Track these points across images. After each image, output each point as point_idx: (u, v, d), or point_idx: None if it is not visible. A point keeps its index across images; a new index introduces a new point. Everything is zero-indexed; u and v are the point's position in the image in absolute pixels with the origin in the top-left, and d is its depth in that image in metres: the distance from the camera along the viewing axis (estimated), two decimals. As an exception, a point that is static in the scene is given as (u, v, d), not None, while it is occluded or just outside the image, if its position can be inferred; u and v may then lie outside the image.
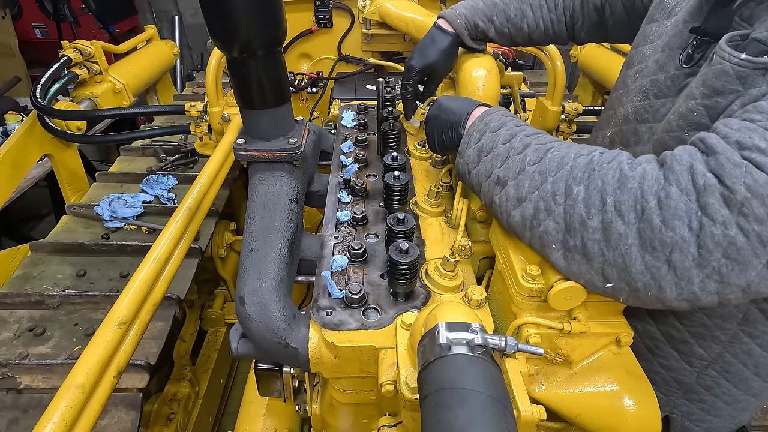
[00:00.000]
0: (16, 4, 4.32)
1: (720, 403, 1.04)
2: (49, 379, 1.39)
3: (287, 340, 0.89)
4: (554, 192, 0.76)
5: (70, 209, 2.06)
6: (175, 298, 1.60)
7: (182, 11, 5.44)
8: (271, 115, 1.02)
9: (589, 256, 0.73)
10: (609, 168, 0.72)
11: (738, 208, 0.61)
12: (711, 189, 0.63)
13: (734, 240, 0.61)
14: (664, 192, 0.66)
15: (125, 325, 1.04)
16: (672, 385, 1.06)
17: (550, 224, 0.76)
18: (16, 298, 1.60)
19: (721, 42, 0.75)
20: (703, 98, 0.78)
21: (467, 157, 0.94)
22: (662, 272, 0.66)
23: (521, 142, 0.85)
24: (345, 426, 1.09)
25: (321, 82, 2.48)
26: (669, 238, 0.64)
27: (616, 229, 0.69)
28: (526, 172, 0.80)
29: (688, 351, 1.00)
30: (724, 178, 0.62)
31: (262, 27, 0.87)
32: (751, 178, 0.60)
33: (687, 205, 0.64)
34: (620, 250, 0.69)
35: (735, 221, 0.61)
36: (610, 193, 0.70)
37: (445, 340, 0.66)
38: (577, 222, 0.72)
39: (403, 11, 2.05)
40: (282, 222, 1.04)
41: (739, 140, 0.63)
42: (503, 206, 0.84)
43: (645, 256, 0.67)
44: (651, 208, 0.66)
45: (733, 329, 0.94)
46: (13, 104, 3.10)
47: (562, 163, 0.77)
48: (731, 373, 0.99)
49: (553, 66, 2.04)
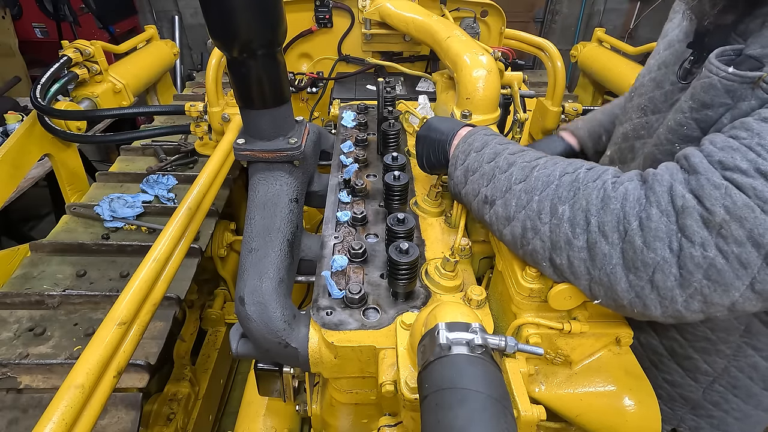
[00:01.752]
0: (16, 4, 4.32)
1: (730, 419, 1.02)
2: (49, 379, 1.39)
3: (287, 340, 0.89)
4: (540, 210, 0.76)
5: (70, 209, 2.06)
6: (175, 298, 1.60)
7: (182, 11, 5.45)
8: (271, 115, 1.02)
9: (576, 274, 0.74)
10: (593, 188, 0.73)
11: (717, 229, 0.61)
12: (690, 210, 0.63)
13: (714, 262, 0.61)
14: (645, 213, 0.66)
15: (125, 325, 1.04)
16: (678, 400, 1.05)
17: (537, 243, 0.77)
18: (16, 298, 1.60)
19: (711, 56, 0.75)
20: (692, 111, 0.78)
21: (456, 179, 0.96)
22: (646, 291, 0.67)
23: (506, 161, 0.86)
24: (345, 426, 1.09)
25: (321, 82, 2.48)
26: (651, 259, 0.65)
27: (601, 250, 0.69)
28: (512, 191, 0.81)
29: (692, 367, 0.99)
30: (704, 199, 0.62)
31: (262, 27, 0.87)
32: (730, 200, 0.60)
33: (667, 226, 0.64)
34: (605, 269, 0.69)
35: (714, 243, 0.61)
36: (594, 213, 0.70)
37: (445, 340, 0.66)
38: (563, 241, 0.73)
39: (403, 11, 2.05)
40: (282, 222, 1.04)
41: (721, 160, 0.63)
42: (494, 225, 0.86)
43: (629, 275, 0.68)
44: (633, 230, 0.66)
45: (736, 342, 0.93)
46: (13, 104, 3.10)
47: (548, 182, 0.78)
48: (738, 388, 0.98)
49: (553, 66, 2.04)
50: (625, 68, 2.89)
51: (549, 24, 5.76)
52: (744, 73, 0.69)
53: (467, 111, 1.33)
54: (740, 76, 0.69)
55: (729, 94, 0.71)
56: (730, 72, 0.70)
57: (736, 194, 0.60)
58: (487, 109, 1.36)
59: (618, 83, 2.88)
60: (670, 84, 0.93)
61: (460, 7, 2.24)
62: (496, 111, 1.39)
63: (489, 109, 1.37)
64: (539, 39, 2.15)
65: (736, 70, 0.70)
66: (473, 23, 2.25)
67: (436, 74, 1.82)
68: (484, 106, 1.36)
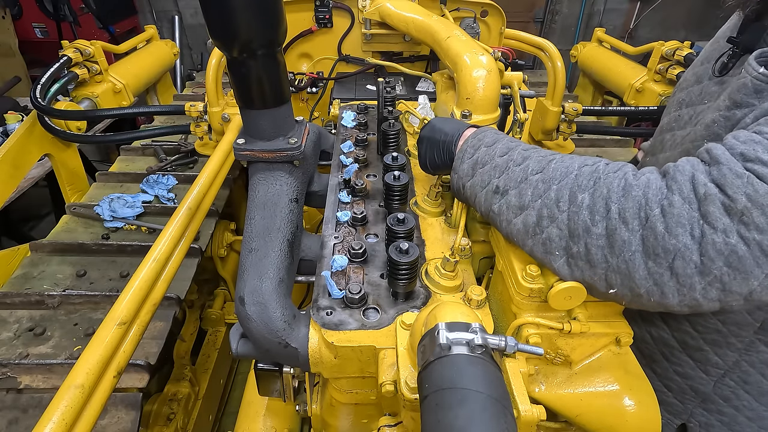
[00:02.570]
0: (16, 4, 4.32)
1: (741, 417, 1.02)
2: (49, 379, 1.39)
3: (287, 340, 0.89)
4: (558, 199, 0.77)
5: (70, 209, 2.06)
6: (175, 298, 1.60)
7: (182, 11, 5.45)
8: (271, 115, 1.02)
9: (592, 262, 0.73)
10: (614, 177, 0.73)
11: (738, 216, 0.62)
12: (712, 198, 0.63)
13: (735, 248, 0.62)
14: (668, 200, 0.67)
15: (125, 325, 1.04)
16: (688, 393, 1.05)
17: (554, 231, 0.77)
18: (16, 298, 1.60)
19: (750, 57, 0.75)
20: (725, 110, 0.79)
21: (461, 172, 0.96)
22: (665, 279, 0.67)
23: (520, 155, 0.87)
24: (345, 426, 1.09)
25: (321, 82, 2.48)
26: (672, 245, 0.65)
27: (620, 236, 0.69)
28: (528, 181, 0.82)
29: (703, 359, 0.99)
30: (726, 187, 0.63)
31: (262, 27, 0.87)
32: (752, 189, 0.61)
33: (689, 213, 0.65)
34: (624, 256, 0.69)
35: (736, 230, 0.62)
36: (614, 200, 0.71)
37: (445, 340, 0.66)
38: (581, 228, 0.73)
39: (403, 11, 2.05)
40: (282, 222, 1.04)
41: (743, 152, 0.64)
42: (503, 214, 0.86)
43: (648, 262, 0.68)
44: (655, 216, 0.67)
45: (749, 337, 0.93)
46: (13, 104, 3.10)
47: (567, 172, 0.78)
48: (750, 384, 0.98)
49: (553, 66, 2.04)
50: (625, 68, 2.89)
51: (549, 24, 5.76)
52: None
53: (467, 111, 1.33)
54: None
55: (757, 94, 0.72)
56: (760, 72, 0.71)
57: (757, 183, 0.61)
58: (487, 109, 1.36)
59: (618, 83, 2.88)
60: (708, 78, 0.94)
61: (460, 7, 2.24)
62: (496, 111, 1.39)
63: (489, 109, 1.37)
64: (539, 39, 2.15)
65: (766, 71, 0.70)
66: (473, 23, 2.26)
67: (436, 74, 1.82)
68: (484, 106, 1.36)
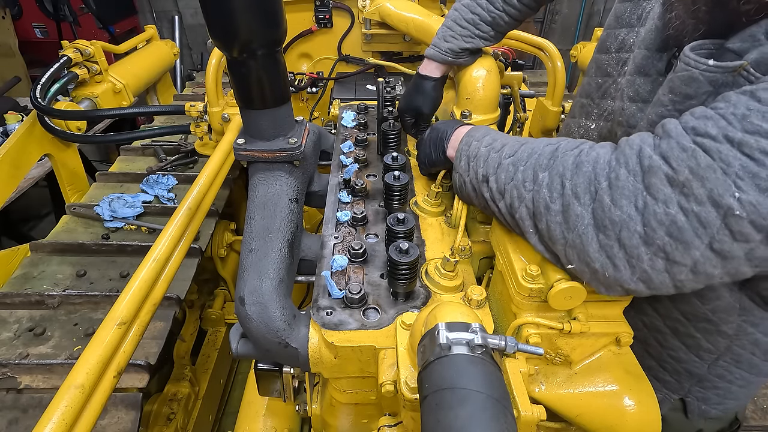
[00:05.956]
0: (16, 4, 4.32)
1: (734, 387, 1.05)
2: (49, 379, 1.39)
3: (287, 340, 0.89)
4: (524, 179, 0.81)
5: (70, 209, 2.06)
6: (175, 298, 1.60)
7: (182, 11, 5.45)
8: (271, 115, 1.02)
9: (553, 239, 0.77)
10: (570, 155, 0.77)
11: (680, 188, 0.63)
12: (655, 169, 0.66)
13: (675, 219, 0.64)
14: (615, 173, 0.70)
15: (125, 325, 1.03)
16: (683, 374, 1.07)
17: (523, 210, 0.81)
18: (16, 298, 1.60)
19: (685, 50, 0.76)
20: (674, 104, 0.79)
21: (460, 168, 1.00)
22: (614, 250, 0.70)
23: (500, 143, 0.92)
24: (345, 426, 1.09)
25: (321, 82, 2.48)
26: (617, 216, 0.68)
27: (574, 211, 0.73)
28: (502, 166, 0.87)
29: (695, 345, 1.02)
30: (671, 159, 0.65)
31: (262, 27, 0.87)
32: (695, 162, 0.62)
33: (633, 185, 0.67)
34: (578, 231, 0.73)
35: (676, 200, 0.64)
36: (568, 177, 0.74)
37: (445, 340, 0.66)
38: (542, 206, 0.77)
39: (403, 11, 2.05)
40: (282, 222, 1.04)
41: (695, 126, 0.65)
42: (491, 202, 0.90)
43: (599, 235, 0.71)
44: (602, 189, 0.70)
45: (736, 322, 0.95)
46: (13, 104, 3.10)
47: (532, 153, 0.83)
48: (742, 362, 1.01)
49: (553, 66, 2.04)
50: (625, 68, 2.88)
51: (549, 24, 5.76)
52: (725, 64, 0.70)
53: (467, 111, 1.33)
54: (721, 67, 0.71)
55: (711, 84, 0.73)
56: (711, 64, 0.72)
57: (701, 156, 0.62)
58: (487, 109, 1.37)
59: (618, 83, 2.87)
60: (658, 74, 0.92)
61: (460, 7, 2.24)
62: (496, 111, 1.39)
63: (489, 109, 1.37)
64: (539, 39, 2.15)
65: (717, 62, 0.71)
66: (473, 23, 2.25)
67: (436, 74, 1.82)
68: (484, 106, 1.36)
